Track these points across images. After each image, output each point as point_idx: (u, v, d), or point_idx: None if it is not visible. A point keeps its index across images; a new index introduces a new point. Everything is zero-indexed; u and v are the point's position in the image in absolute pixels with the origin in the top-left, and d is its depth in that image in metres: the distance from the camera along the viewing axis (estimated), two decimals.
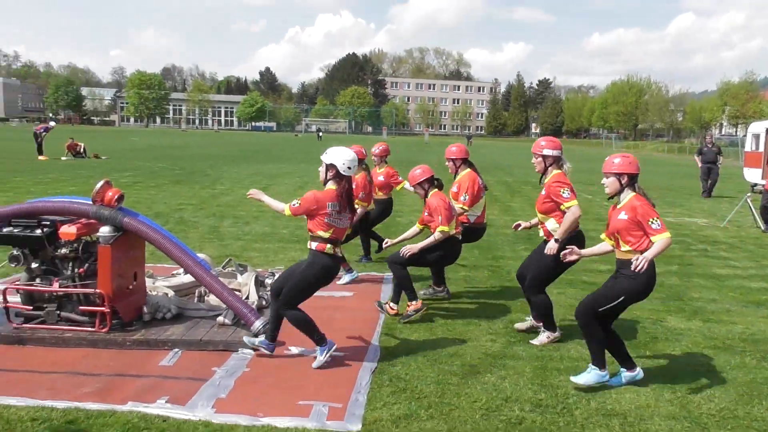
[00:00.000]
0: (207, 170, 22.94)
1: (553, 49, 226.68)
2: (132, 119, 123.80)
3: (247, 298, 6.08)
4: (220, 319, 5.51)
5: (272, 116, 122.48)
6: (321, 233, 4.77)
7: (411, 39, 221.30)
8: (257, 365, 4.84)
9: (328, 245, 4.80)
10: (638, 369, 4.68)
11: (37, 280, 5.34)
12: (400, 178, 8.51)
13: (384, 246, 6.75)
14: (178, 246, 5.49)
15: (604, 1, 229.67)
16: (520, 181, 22.62)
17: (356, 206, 6.58)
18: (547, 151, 5.57)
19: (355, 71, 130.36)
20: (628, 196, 4.53)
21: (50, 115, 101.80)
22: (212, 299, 5.95)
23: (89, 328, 5.18)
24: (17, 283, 5.43)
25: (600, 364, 4.57)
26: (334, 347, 4.92)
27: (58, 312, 5.27)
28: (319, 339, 4.86)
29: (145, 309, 5.55)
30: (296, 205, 4.78)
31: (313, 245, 4.82)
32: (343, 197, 4.80)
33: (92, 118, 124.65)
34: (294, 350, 5.15)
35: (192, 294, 6.22)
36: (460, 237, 6.25)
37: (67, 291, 5.23)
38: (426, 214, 6.14)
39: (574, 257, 4.87)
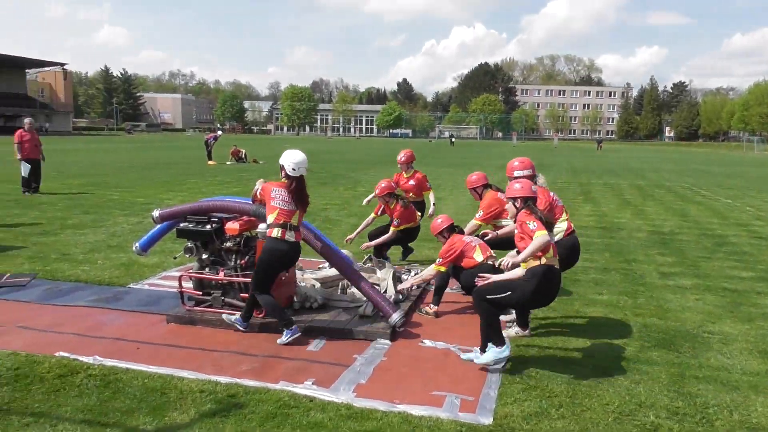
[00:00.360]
0: (349, 173, 23.63)
1: (690, 51, 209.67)
2: (285, 128, 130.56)
3: (385, 292, 6.15)
4: (361, 310, 5.61)
5: (408, 124, 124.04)
6: (269, 217, 5.03)
7: (542, 47, 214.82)
8: (394, 355, 4.87)
9: (275, 230, 4.98)
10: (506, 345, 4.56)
11: (206, 269, 5.74)
12: (429, 185, 8.42)
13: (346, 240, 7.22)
14: (325, 242, 5.67)
15: (747, 1, 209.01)
16: (652, 185, 21.17)
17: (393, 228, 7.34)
18: (518, 173, 5.55)
19: (486, 80, 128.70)
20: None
21: (218, 125, 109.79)
22: (354, 292, 6.08)
23: None
24: (190, 271, 5.86)
25: (497, 341, 4.52)
26: (298, 334, 5.03)
27: (223, 298, 5.63)
28: (286, 323, 5.02)
29: (295, 298, 5.78)
30: (257, 189, 5.26)
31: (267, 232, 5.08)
32: (293, 192, 5.06)
33: (252, 127, 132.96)
34: (428, 343, 5.14)
35: (336, 286, 6.40)
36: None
37: (231, 279, 5.58)
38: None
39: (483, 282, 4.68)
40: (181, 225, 5.72)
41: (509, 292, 4.53)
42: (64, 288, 6.55)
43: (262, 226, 5.48)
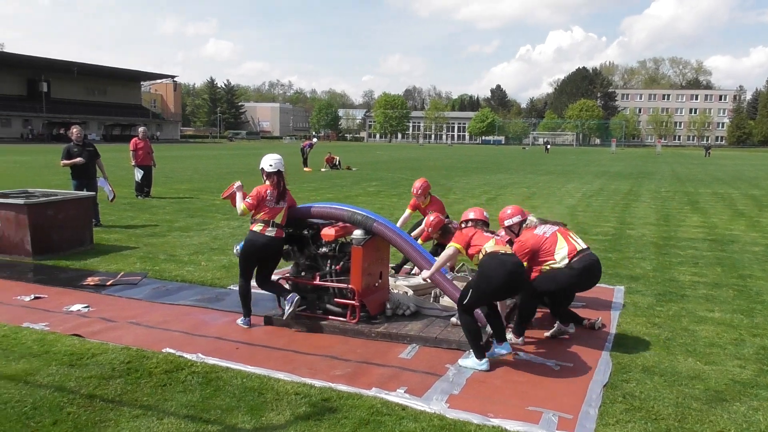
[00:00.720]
0: (441, 180, 23.54)
1: None
2: (377, 135, 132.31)
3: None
4: (453, 320, 5.53)
5: (501, 130, 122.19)
6: (257, 216, 5.55)
7: (644, 50, 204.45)
8: None
9: (257, 225, 5.54)
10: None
11: (303, 273, 5.87)
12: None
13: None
14: (418, 250, 5.65)
15: None
16: None
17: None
18: (508, 221, 5.59)
19: (584, 85, 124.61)
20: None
21: (313, 133, 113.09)
22: (446, 301, 6.02)
23: (341, 319, 5.55)
24: (287, 274, 6.02)
25: (477, 355, 4.70)
26: (249, 326, 5.54)
27: (318, 302, 5.73)
28: (246, 312, 5.62)
29: (387, 305, 5.79)
30: (249, 201, 5.55)
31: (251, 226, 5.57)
32: (276, 188, 5.63)
33: (345, 135, 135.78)
34: (522, 355, 4.98)
35: (428, 294, 6.36)
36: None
37: (326, 284, 5.67)
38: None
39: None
40: None
41: (471, 290, 4.78)
42: (171, 287, 6.91)
43: (357, 233, 5.54)
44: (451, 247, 5.04)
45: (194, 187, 18.89)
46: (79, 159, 10.73)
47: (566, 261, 5.24)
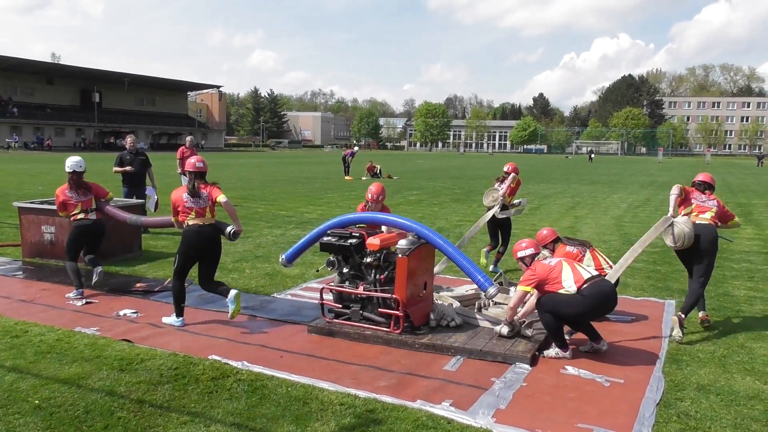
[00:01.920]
0: (483, 190, 23.25)
1: None
2: (418, 144, 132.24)
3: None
4: (498, 329, 5.44)
5: (543, 139, 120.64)
6: (75, 211, 6.89)
7: (693, 57, 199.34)
8: (534, 381, 4.65)
9: (80, 214, 6.87)
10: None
11: (346, 283, 5.87)
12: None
13: None
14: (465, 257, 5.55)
15: None
16: None
17: None
18: (521, 253, 5.66)
19: (630, 92, 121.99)
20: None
21: (354, 141, 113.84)
22: (491, 311, 5.93)
23: (385, 329, 5.52)
24: (331, 284, 6.03)
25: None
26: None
27: (361, 312, 5.71)
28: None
29: (431, 316, 5.74)
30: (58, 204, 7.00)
31: None
32: (72, 184, 6.90)
33: (386, 143, 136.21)
34: (571, 370, 4.86)
35: (472, 305, 6.27)
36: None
37: (369, 294, 5.65)
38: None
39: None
40: (324, 239, 5.90)
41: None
42: (216, 295, 6.99)
43: (402, 242, 5.51)
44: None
45: (238, 194, 19.19)
46: (129, 167, 11.02)
47: (575, 288, 5.04)
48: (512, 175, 9.15)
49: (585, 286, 5.03)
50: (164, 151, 62.63)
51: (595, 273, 5.28)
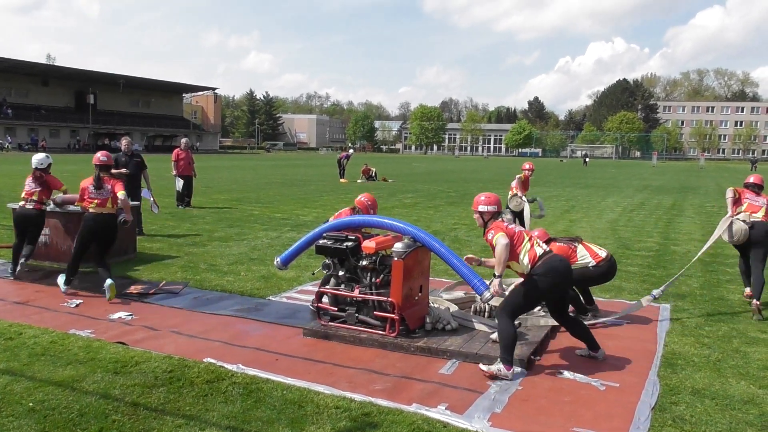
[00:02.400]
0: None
1: None
2: (413, 147, 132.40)
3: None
4: (494, 336, 5.44)
5: (538, 143, 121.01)
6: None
7: (688, 61, 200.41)
8: (530, 385, 4.66)
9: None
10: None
11: (342, 286, 5.86)
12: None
13: None
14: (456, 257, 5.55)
15: None
16: None
17: None
18: (482, 207, 5.22)
19: (624, 97, 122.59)
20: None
21: (349, 144, 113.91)
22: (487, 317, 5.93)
23: (381, 332, 5.52)
24: (327, 287, 6.02)
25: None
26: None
27: (357, 315, 5.71)
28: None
29: (427, 319, 5.74)
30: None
31: None
32: (34, 177, 7.73)
33: (381, 146, 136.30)
34: (566, 374, 4.86)
35: (468, 308, 6.28)
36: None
37: (365, 297, 5.65)
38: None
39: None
40: (320, 242, 5.89)
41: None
42: (211, 297, 6.99)
43: (398, 246, 5.51)
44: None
45: (233, 197, 19.17)
46: (124, 169, 10.95)
47: (529, 266, 4.93)
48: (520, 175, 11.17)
49: (538, 263, 4.89)
50: (159, 153, 62.50)
51: (548, 249, 5.14)
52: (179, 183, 15.83)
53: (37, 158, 7.88)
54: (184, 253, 9.56)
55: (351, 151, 37.84)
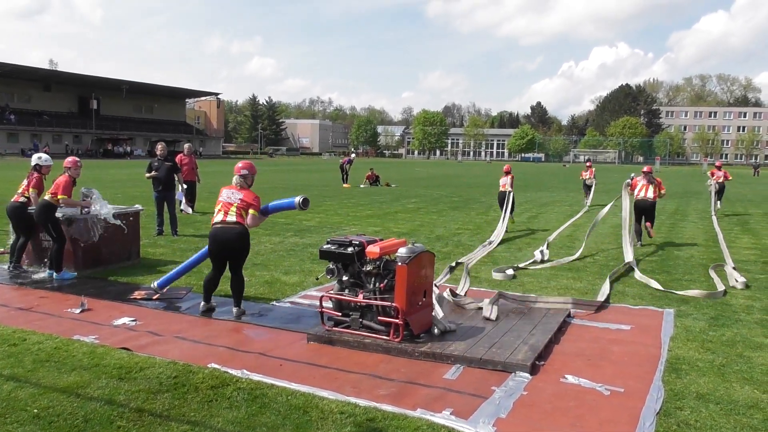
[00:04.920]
0: (481, 198, 23.37)
1: None
2: (416, 152, 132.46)
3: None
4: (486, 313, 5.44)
5: (541, 147, 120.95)
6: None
7: (692, 66, 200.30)
8: (534, 390, 4.65)
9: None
10: None
11: (346, 291, 5.87)
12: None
13: None
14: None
15: None
16: None
17: None
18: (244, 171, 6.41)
19: (627, 102, 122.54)
20: None
21: (351, 149, 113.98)
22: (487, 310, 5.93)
23: (385, 337, 5.52)
24: (331, 292, 6.03)
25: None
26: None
27: (361, 320, 5.71)
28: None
29: (437, 327, 5.73)
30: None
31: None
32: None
33: (384, 151, 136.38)
34: (571, 379, 4.85)
35: (464, 312, 6.27)
36: None
37: (369, 302, 5.65)
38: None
39: None
40: (324, 247, 5.90)
41: None
42: (214, 302, 6.98)
43: (402, 251, 5.51)
44: None
45: None
46: (154, 173, 11.94)
47: None
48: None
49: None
50: None
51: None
52: (181, 188, 15.88)
53: (35, 156, 8.58)
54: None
55: (353, 155, 37.88)
